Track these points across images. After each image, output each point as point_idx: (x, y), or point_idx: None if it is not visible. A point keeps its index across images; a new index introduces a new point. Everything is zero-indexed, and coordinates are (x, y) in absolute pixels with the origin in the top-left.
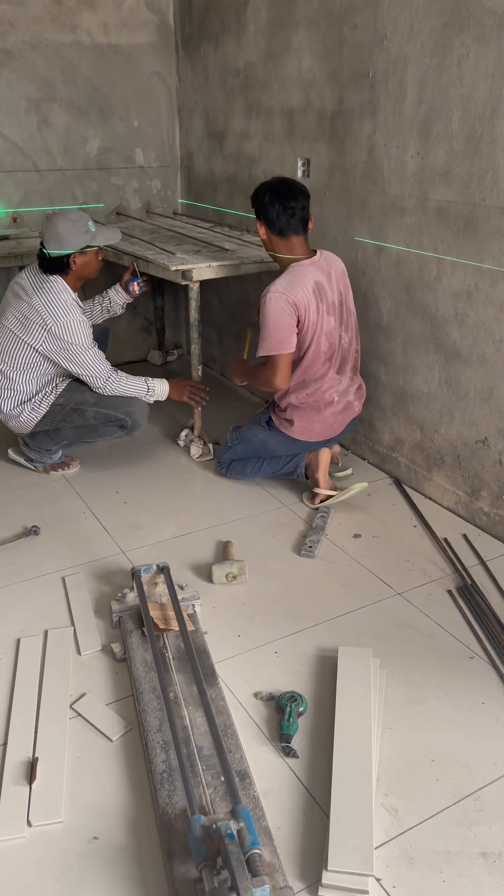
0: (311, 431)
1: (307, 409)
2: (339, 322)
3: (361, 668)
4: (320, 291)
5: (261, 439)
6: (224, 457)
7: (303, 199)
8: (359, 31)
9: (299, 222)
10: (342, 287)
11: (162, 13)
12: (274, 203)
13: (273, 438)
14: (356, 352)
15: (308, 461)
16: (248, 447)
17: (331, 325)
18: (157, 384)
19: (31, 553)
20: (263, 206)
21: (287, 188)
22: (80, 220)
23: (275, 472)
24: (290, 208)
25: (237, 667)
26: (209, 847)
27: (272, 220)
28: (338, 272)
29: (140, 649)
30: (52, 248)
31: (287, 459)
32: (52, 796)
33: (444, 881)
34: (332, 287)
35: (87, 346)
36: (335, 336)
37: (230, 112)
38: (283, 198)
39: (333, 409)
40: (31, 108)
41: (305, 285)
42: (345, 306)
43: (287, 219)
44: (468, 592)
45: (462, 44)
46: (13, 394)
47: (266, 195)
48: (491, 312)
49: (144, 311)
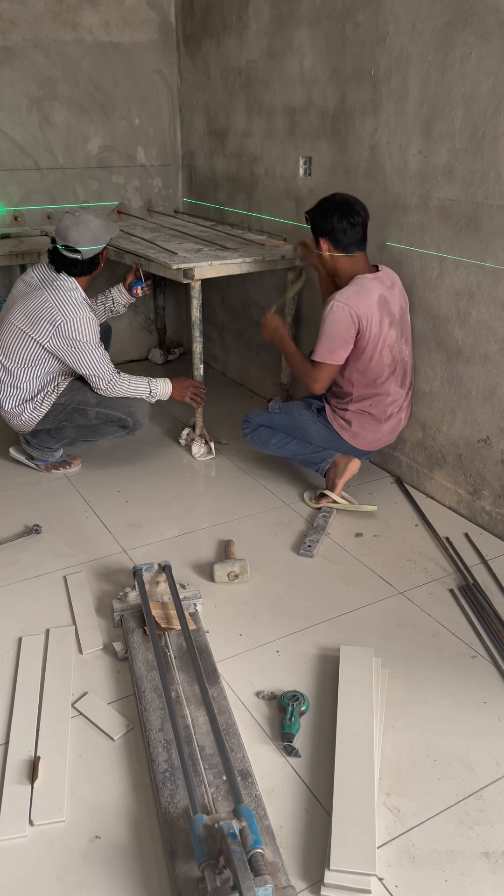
0: (363, 440)
1: (368, 419)
2: (401, 335)
3: (363, 667)
4: (384, 304)
5: (304, 420)
6: (256, 419)
7: (365, 214)
8: (361, 29)
9: (363, 239)
10: (402, 301)
11: (163, 11)
12: (341, 221)
13: (316, 426)
14: (413, 369)
15: (336, 461)
16: (287, 422)
17: (393, 337)
18: (159, 384)
19: (33, 552)
20: (331, 223)
21: (349, 205)
22: (98, 215)
23: (298, 455)
24: (356, 224)
25: (239, 666)
26: (211, 846)
27: (339, 238)
28: (399, 286)
29: (142, 648)
30: (88, 246)
31: (316, 450)
32: (53, 795)
33: (446, 880)
34: (394, 300)
35: (94, 345)
36: (397, 349)
37: (232, 110)
38: (349, 214)
39: (390, 424)
40: (33, 107)
41: (371, 297)
42: (405, 321)
43: (353, 236)
44: (470, 591)
45: (465, 42)
46: (16, 391)
47: (334, 214)
48: (493, 311)
49: (146, 309)
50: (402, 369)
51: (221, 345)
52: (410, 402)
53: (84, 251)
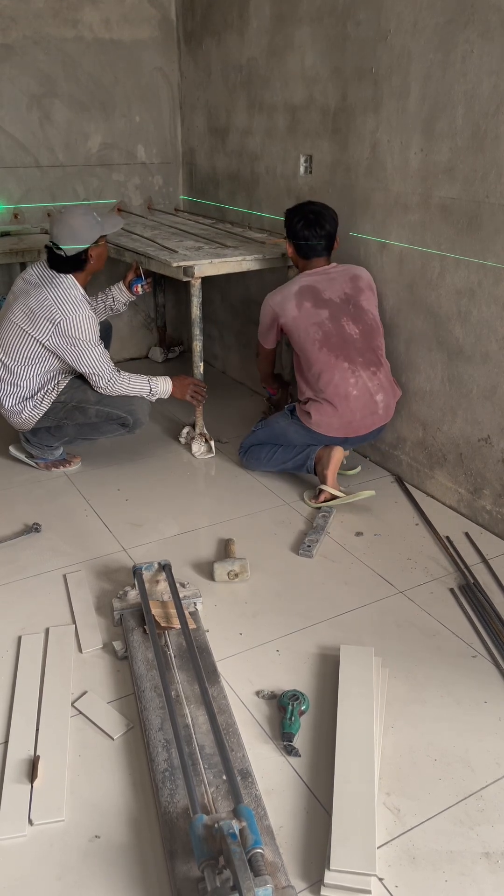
0: (328, 426)
1: (324, 403)
2: (341, 314)
3: (363, 666)
4: (305, 292)
5: (282, 426)
6: (245, 441)
7: (331, 227)
8: (362, 26)
9: (324, 249)
10: (351, 287)
11: (164, 8)
12: (304, 230)
13: (293, 427)
14: (377, 349)
15: (319, 456)
16: (269, 432)
17: (321, 316)
18: (160, 383)
19: (33, 550)
20: (294, 231)
21: (317, 218)
22: (87, 213)
23: (286, 461)
24: (318, 236)
25: (239, 665)
26: (211, 846)
27: (300, 244)
28: (347, 275)
29: (141, 647)
30: (69, 244)
31: (299, 450)
32: (53, 795)
33: (446, 881)
34: (329, 287)
35: (93, 343)
36: (329, 326)
37: (232, 108)
38: (313, 227)
39: (351, 406)
40: (33, 104)
41: (289, 290)
42: (352, 303)
43: (313, 246)
44: (470, 591)
45: (466, 40)
46: (16, 389)
47: (300, 221)
48: (494, 310)
49: (146, 307)
50: (345, 346)
51: (222, 343)
52: (391, 386)
53: (66, 249)
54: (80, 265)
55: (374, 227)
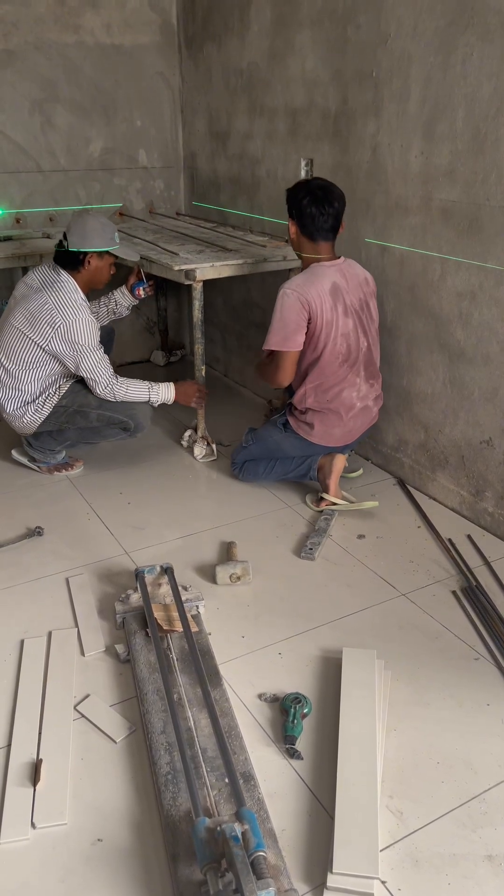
0: (330, 437)
1: (329, 414)
2: (359, 326)
3: (366, 669)
4: (337, 292)
5: (275, 440)
6: (238, 457)
7: (339, 205)
8: (362, 30)
9: (331, 229)
10: (364, 294)
11: (165, 13)
12: (311, 206)
13: (288, 441)
14: (376, 361)
15: (321, 464)
16: (263, 448)
17: (348, 326)
18: (161, 390)
19: (35, 554)
20: (300, 207)
21: (325, 193)
22: (108, 226)
23: (286, 473)
24: (326, 214)
25: (241, 668)
26: (214, 849)
27: (305, 223)
28: (360, 279)
29: (144, 650)
30: (75, 242)
31: (300, 461)
32: (56, 798)
33: (449, 884)
34: (350, 291)
35: (93, 347)
36: (353, 339)
37: (233, 112)
38: (321, 203)
39: (353, 414)
40: (35, 109)
41: (322, 284)
42: (366, 312)
43: (321, 224)
44: (473, 593)
45: (466, 43)
46: (18, 394)
47: (305, 197)
48: (495, 312)
49: (147, 311)
50: (361, 361)
51: (223, 346)
52: (381, 397)
53: (70, 241)
54: (76, 265)
55: (375, 229)
